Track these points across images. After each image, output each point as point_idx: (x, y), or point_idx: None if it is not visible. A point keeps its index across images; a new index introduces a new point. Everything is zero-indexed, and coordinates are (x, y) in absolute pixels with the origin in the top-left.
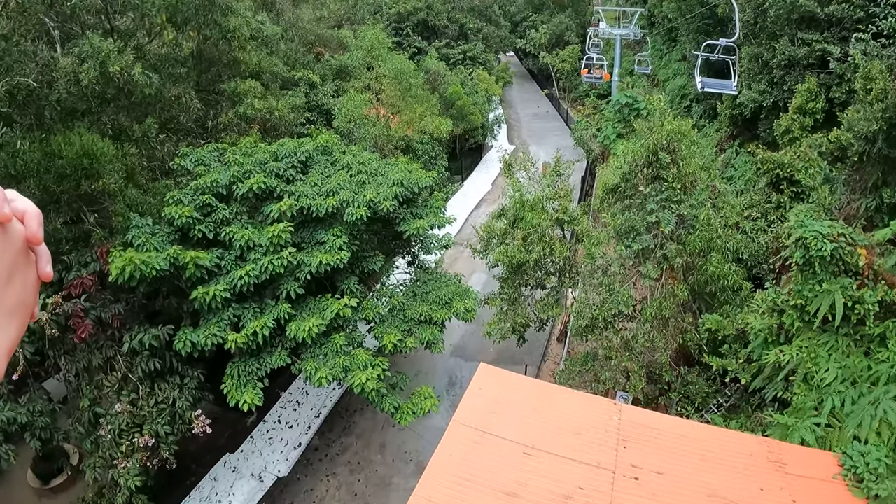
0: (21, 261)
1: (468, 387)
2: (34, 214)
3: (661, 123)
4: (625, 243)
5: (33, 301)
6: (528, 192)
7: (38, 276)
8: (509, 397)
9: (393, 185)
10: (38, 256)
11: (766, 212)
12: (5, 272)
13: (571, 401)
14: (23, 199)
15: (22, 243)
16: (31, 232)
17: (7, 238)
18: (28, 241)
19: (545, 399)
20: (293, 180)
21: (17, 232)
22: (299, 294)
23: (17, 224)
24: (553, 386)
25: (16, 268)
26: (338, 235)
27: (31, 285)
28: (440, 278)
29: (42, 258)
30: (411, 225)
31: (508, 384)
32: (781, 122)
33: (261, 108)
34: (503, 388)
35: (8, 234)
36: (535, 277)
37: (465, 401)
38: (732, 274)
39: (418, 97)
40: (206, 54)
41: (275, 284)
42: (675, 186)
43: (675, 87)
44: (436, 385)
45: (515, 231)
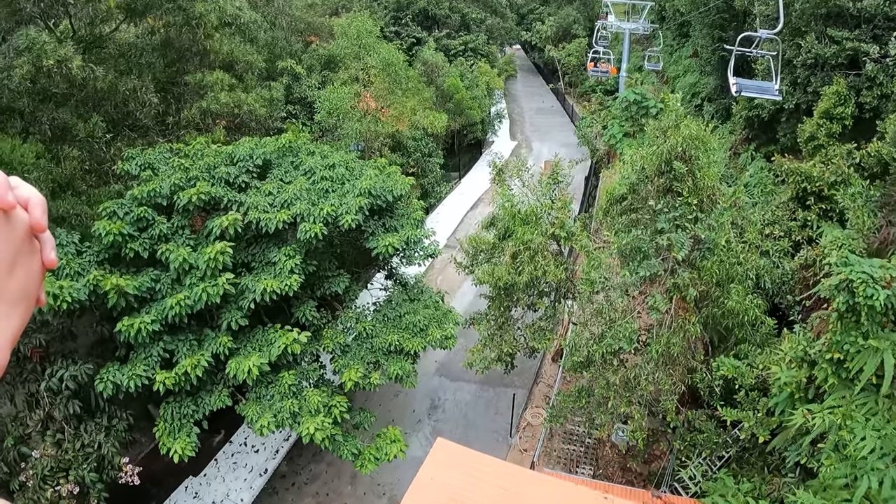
0: (25, 249)
1: (419, 471)
2: (38, 202)
3: (676, 127)
4: (629, 267)
5: (37, 289)
6: (522, 201)
7: (42, 263)
8: (469, 491)
9: (359, 194)
10: (43, 244)
11: (789, 230)
12: (9, 260)
13: (549, 494)
14: (26, 185)
15: (26, 231)
16: (35, 219)
17: (11, 226)
18: (32, 229)
19: (515, 492)
20: (246, 188)
21: (20, 220)
22: (243, 325)
23: (20, 212)
24: (525, 471)
25: (19, 256)
26: (290, 256)
27: (35, 273)
28: (420, 296)
29: (46, 245)
30: (380, 242)
31: (469, 468)
32: (805, 127)
33: (227, 102)
34: (463, 474)
35: (11, 221)
36: (525, 300)
37: (411, 493)
38: (754, 308)
39: (409, 90)
40: (176, 43)
41: (217, 311)
42: (690, 202)
43: (686, 85)
44: (416, 408)
45: (505, 245)
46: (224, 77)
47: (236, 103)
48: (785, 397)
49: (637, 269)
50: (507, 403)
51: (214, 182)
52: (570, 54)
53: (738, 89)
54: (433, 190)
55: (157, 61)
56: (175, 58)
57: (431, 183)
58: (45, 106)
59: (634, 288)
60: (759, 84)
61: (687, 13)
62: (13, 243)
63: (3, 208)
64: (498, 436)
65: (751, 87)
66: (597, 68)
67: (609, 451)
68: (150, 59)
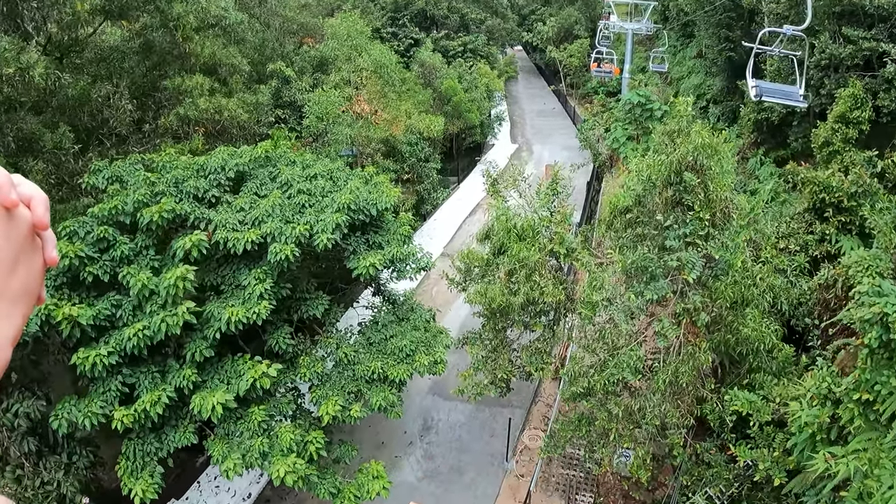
0: (27, 246)
1: None
2: (41, 199)
3: (687, 134)
4: (635, 288)
5: (38, 287)
6: (518, 213)
7: (44, 261)
8: None
9: (338, 210)
10: (45, 241)
11: (806, 245)
12: (11, 258)
13: None
14: (28, 183)
15: (28, 228)
16: (38, 217)
17: (13, 224)
18: (34, 227)
19: None
20: (217, 203)
21: (23, 217)
22: (209, 356)
23: (23, 209)
24: None
25: (22, 253)
26: (260, 279)
27: (36, 271)
28: (409, 315)
29: (48, 243)
30: (360, 262)
31: None
32: (820, 131)
33: (207, 108)
34: None
35: (14, 219)
36: (521, 321)
37: None
38: (771, 335)
39: (403, 92)
40: (157, 47)
41: (182, 341)
42: (702, 217)
43: (691, 86)
44: (408, 429)
45: (501, 260)
46: (204, 81)
47: (217, 109)
48: (805, 438)
49: (643, 291)
50: (503, 424)
51: (182, 197)
52: (571, 55)
53: (758, 93)
54: (429, 196)
55: (137, 66)
56: (157, 62)
57: (427, 189)
58: (12, 116)
59: (640, 311)
60: (781, 88)
61: (692, 12)
62: (16, 241)
63: (5, 206)
64: (493, 460)
65: (772, 91)
66: (600, 69)
67: (611, 477)
68: (131, 63)
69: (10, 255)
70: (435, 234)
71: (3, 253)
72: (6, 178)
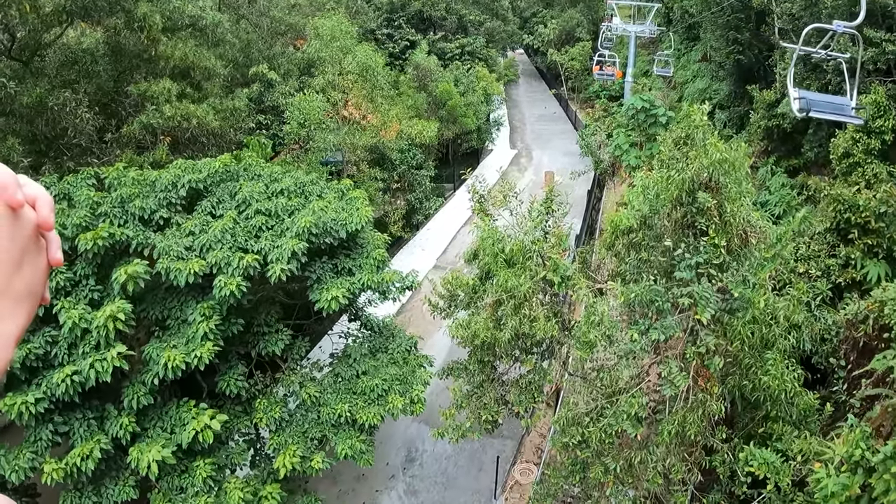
0: (32, 247)
1: None
2: (46, 200)
3: (702, 147)
4: (639, 325)
5: (42, 287)
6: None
7: (48, 261)
8: None
9: (297, 235)
10: (49, 242)
11: (828, 269)
12: (16, 258)
13: None
14: (34, 184)
15: (33, 229)
16: (43, 218)
17: (19, 224)
18: (39, 227)
19: None
20: (166, 225)
21: (28, 218)
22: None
23: (28, 210)
24: None
25: (26, 254)
26: (206, 315)
27: (40, 272)
28: (388, 345)
29: (53, 244)
30: (323, 295)
31: None
32: (839, 141)
33: (173, 115)
34: None
35: (19, 219)
36: (510, 356)
37: None
38: (793, 382)
39: (392, 96)
40: (127, 49)
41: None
42: (717, 243)
43: (696, 91)
44: (391, 460)
45: (488, 288)
46: (172, 86)
47: (184, 116)
48: None
49: (649, 330)
50: (492, 457)
51: (127, 219)
52: (573, 58)
53: (803, 107)
54: (421, 206)
55: (104, 70)
56: (127, 66)
57: (419, 198)
58: None
59: (644, 352)
60: (831, 101)
61: (697, 14)
62: (20, 241)
63: (11, 206)
64: (481, 497)
65: (821, 104)
66: (602, 72)
67: None
68: (98, 67)
69: (14, 255)
70: (428, 245)
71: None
72: (12, 179)
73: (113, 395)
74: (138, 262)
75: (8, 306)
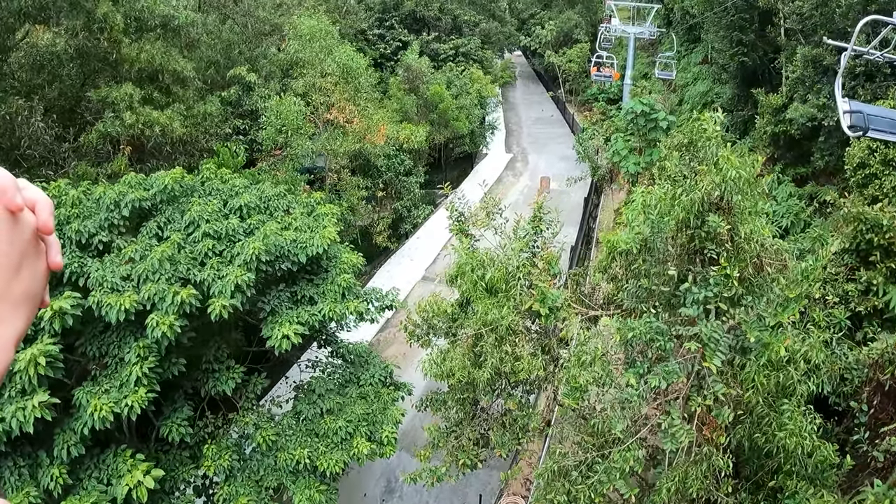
0: (31, 251)
1: None
2: (45, 204)
3: (713, 161)
4: (637, 369)
5: (42, 291)
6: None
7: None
8: None
9: (245, 263)
10: (49, 246)
11: (846, 295)
12: (15, 262)
13: None
14: (33, 188)
15: (32, 233)
16: (42, 221)
17: (18, 228)
18: (39, 231)
19: None
20: (106, 251)
21: (27, 221)
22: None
23: (27, 214)
24: None
25: (26, 257)
26: (142, 357)
27: (40, 275)
28: (360, 374)
29: (52, 248)
30: (275, 330)
31: None
32: (854, 151)
33: (133, 123)
34: None
35: (19, 223)
36: (492, 391)
37: None
38: (812, 435)
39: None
40: (92, 53)
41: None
42: (729, 274)
43: (696, 94)
44: (369, 491)
45: (467, 320)
46: (134, 92)
47: (146, 123)
48: None
49: (649, 377)
50: (477, 488)
51: (64, 244)
52: (571, 60)
53: (858, 124)
54: (409, 214)
55: (67, 75)
56: (91, 70)
57: (407, 206)
58: None
59: (642, 399)
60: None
61: (699, 14)
62: (20, 245)
63: (10, 209)
64: None
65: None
66: (600, 73)
67: None
68: (62, 71)
69: (14, 259)
70: (416, 255)
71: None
72: (11, 182)
73: (49, 440)
74: (69, 294)
75: (7, 310)
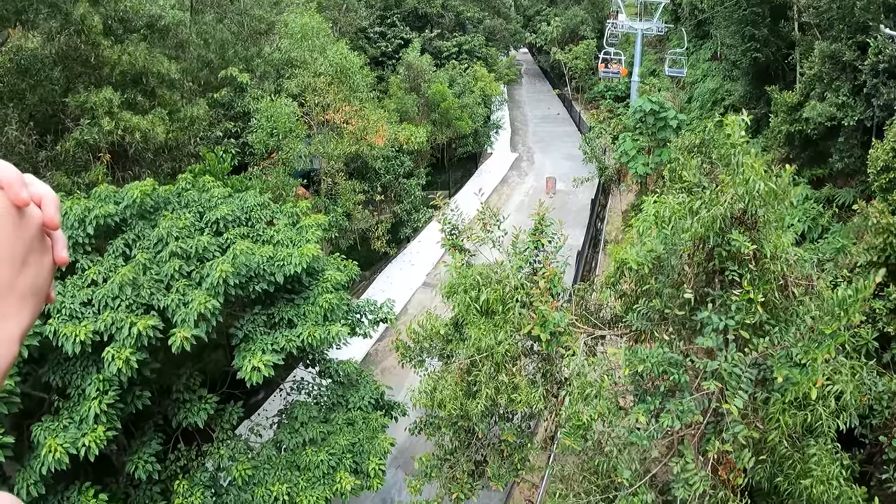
0: (37, 245)
1: None
2: (51, 199)
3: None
4: (647, 405)
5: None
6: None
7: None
8: None
9: (212, 286)
10: (55, 241)
11: (873, 313)
12: (21, 256)
13: None
14: (39, 183)
15: (38, 228)
16: (49, 216)
17: (24, 222)
18: (45, 226)
19: None
20: (70, 272)
21: (33, 216)
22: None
23: (34, 208)
24: None
25: (31, 252)
26: (101, 390)
27: (45, 270)
28: (348, 398)
29: (58, 243)
30: (246, 360)
31: None
32: (877, 153)
33: (111, 130)
34: None
35: (25, 218)
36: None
37: None
38: (839, 478)
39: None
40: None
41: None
42: (753, 299)
43: (706, 91)
44: None
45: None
46: (114, 96)
47: (126, 129)
48: None
49: (661, 415)
50: None
51: None
52: (577, 57)
53: None
54: (409, 218)
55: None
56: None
57: (407, 209)
58: None
59: (653, 437)
60: None
61: (709, 9)
62: (26, 240)
63: (17, 204)
64: None
65: None
66: (608, 69)
67: None
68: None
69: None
70: (417, 260)
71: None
72: (18, 177)
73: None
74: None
75: (13, 305)
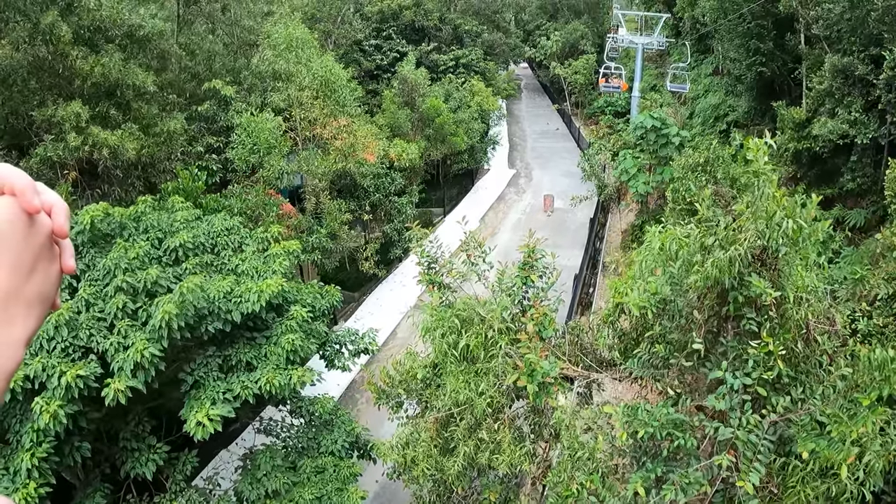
0: (45, 253)
1: None
2: (62, 208)
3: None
4: (648, 473)
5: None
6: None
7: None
8: None
9: (154, 330)
10: (63, 249)
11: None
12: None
13: None
14: (50, 191)
15: (47, 236)
16: (58, 225)
17: (34, 230)
18: (54, 234)
19: None
20: None
21: (43, 224)
22: None
23: (44, 216)
24: None
25: (40, 260)
26: (36, 440)
27: (53, 278)
28: (320, 441)
29: (66, 251)
30: (192, 413)
31: None
32: (895, 173)
33: (78, 146)
34: None
35: (35, 225)
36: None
37: None
38: None
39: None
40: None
41: None
42: (773, 351)
43: (707, 107)
44: None
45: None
46: (82, 110)
47: (95, 144)
48: None
49: (664, 489)
50: None
51: None
52: (576, 72)
53: None
54: (400, 238)
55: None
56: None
57: (398, 229)
58: None
59: None
60: None
61: (712, 22)
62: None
63: (28, 211)
64: None
65: None
66: (608, 84)
67: None
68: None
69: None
70: (408, 281)
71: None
72: (31, 184)
73: None
74: None
75: (21, 311)
